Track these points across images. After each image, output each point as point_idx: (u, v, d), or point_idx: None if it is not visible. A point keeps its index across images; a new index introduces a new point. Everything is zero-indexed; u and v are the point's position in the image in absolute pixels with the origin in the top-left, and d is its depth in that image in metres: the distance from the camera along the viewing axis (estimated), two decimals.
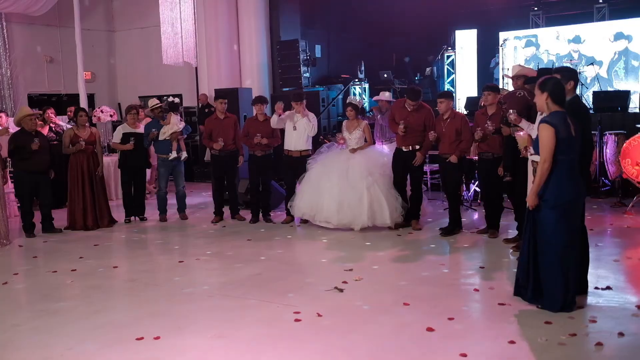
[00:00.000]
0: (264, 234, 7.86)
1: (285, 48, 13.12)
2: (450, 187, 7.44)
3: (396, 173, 7.72)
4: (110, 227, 8.51)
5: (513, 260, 6.10)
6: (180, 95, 14.84)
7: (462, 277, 5.69)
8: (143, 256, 6.96)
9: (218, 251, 7.01)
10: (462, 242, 7.05)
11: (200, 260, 6.58)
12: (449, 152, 7.27)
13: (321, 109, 12.46)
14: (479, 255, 6.54)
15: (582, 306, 4.70)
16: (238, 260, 6.54)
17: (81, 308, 5.13)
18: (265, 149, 8.36)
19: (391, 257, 6.50)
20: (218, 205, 8.77)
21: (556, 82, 4.50)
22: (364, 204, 7.52)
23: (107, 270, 6.28)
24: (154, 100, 8.95)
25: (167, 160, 8.71)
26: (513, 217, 6.94)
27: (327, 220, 7.73)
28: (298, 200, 8.01)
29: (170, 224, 8.75)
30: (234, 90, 11.46)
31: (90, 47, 15.03)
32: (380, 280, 5.63)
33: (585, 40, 12.84)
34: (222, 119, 8.63)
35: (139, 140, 8.60)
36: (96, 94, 15.52)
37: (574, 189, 4.51)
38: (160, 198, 8.91)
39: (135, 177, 8.81)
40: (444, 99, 7.35)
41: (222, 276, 6.01)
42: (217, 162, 8.73)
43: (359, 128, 7.96)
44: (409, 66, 15.69)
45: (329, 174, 7.81)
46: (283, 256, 6.73)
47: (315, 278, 5.78)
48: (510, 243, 6.76)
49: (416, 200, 7.77)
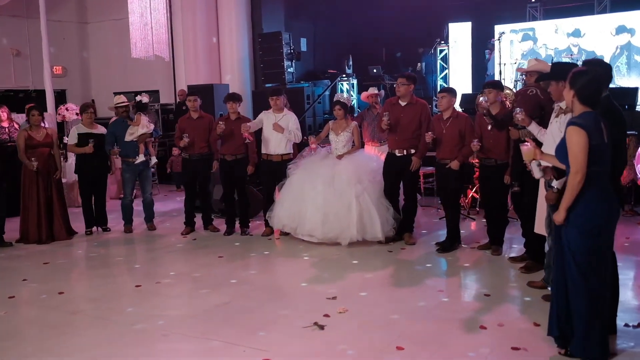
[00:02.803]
0: (239, 249, 6.98)
1: (268, 41, 12.24)
2: (450, 197, 6.56)
3: (388, 180, 6.85)
4: (69, 240, 7.61)
5: (522, 285, 5.26)
6: (157, 91, 14.09)
7: (465, 309, 4.82)
8: (97, 278, 6.05)
9: (184, 271, 6.12)
10: (461, 260, 6.20)
11: (161, 285, 5.68)
12: (449, 158, 6.40)
13: (306, 106, 11.67)
14: (481, 278, 5.68)
15: (615, 353, 3.86)
16: (205, 283, 5.66)
17: (8, 351, 4.24)
18: (236, 152, 7.48)
19: (382, 281, 5.63)
20: (189, 215, 7.88)
21: (590, 79, 3.65)
22: (352, 216, 6.66)
23: (51, 298, 5.38)
24: (120, 98, 8.04)
25: (133, 164, 7.82)
26: (516, 229, 6.11)
27: (311, 234, 6.87)
28: (278, 210, 7.13)
29: (135, 236, 7.85)
30: (209, 87, 10.55)
31: (61, 39, 14.31)
32: (368, 312, 4.76)
33: (585, 33, 12.24)
34: (195, 118, 7.71)
35: (99, 142, 7.69)
36: (68, 90, 14.69)
37: (608, 208, 3.67)
38: (125, 207, 8.00)
39: (96, 183, 7.90)
40: (446, 93, 6.46)
41: (183, 306, 5.12)
42: (187, 167, 7.83)
43: (347, 129, 7.09)
44: (400, 61, 14.90)
45: (312, 180, 6.93)
46: (257, 279, 5.85)
47: (292, 309, 4.90)
48: (517, 262, 5.92)
49: (410, 211, 6.90)
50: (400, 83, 6.70)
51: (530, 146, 4.14)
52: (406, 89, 6.69)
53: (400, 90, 6.70)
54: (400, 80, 6.71)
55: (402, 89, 6.69)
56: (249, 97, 12.27)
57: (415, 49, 14.59)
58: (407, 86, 6.68)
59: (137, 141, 7.83)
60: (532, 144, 4.15)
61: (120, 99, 7.96)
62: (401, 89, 6.69)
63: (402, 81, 6.70)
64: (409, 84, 6.69)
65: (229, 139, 7.49)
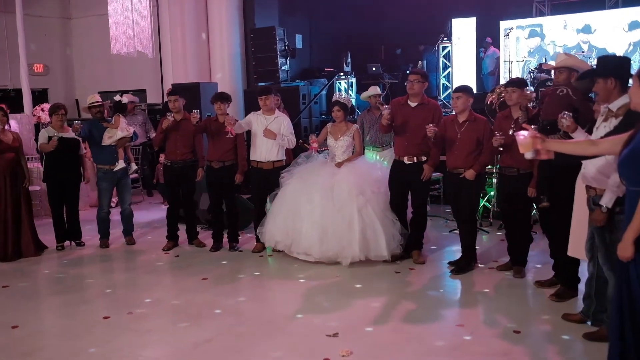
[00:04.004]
0: (226, 269, 6.18)
1: (261, 37, 11.42)
2: (466, 211, 5.74)
3: (394, 191, 6.07)
4: (38, 257, 6.80)
5: (556, 319, 4.47)
6: (144, 90, 13.35)
7: (493, 351, 4.00)
8: (60, 306, 5.23)
9: (161, 298, 5.31)
10: (480, 284, 5.42)
11: (133, 316, 4.87)
12: (463, 167, 5.62)
13: (302, 106, 10.90)
14: (506, 307, 4.87)
15: None
16: (185, 314, 4.86)
17: None
18: (223, 158, 6.70)
19: (390, 311, 4.83)
20: (171, 229, 7.07)
21: None
22: (354, 232, 5.87)
23: (1, 332, 4.56)
24: (94, 97, 7.22)
25: (111, 172, 7.03)
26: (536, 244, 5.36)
27: (307, 252, 6.08)
28: (270, 225, 6.34)
29: (112, 252, 7.05)
30: (195, 86, 9.72)
31: (42, 35, 13.57)
32: (377, 356, 3.98)
33: (596, 29, 11.80)
34: (179, 120, 6.91)
35: (70, 146, 6.88)
36: (50, 89, 13.93)
37: None
38: (101, 219, 7.19)
39: (67, 192, 7.09)
40: (462, 93, 5.63)
41: (155, 346, 4.29)
42: (169, 174, 7.04)
43: (347, 134, 6.31)
44: (400, 59, 14.31)
45: (309, 191, 6.15)
46: (246, 308, 5.04)
47: (286, 350, 4.11)
48: (546, 287, 5.15)
49: (419, 226, 6.12)
50: (414, 80, 5.89)
51: (527, 136, 3.30)
52: (421, 86, 5.90)
53: (414, 88, 5.89)
54: (414, 77, 5.91)
55: (416, 87, 5.89)
56: (240, 97, 11.53)
57: (416, 46, 14.11)
58: (422, 84, 5.90)
59: (116, 146, 7.06)
60: (529, 134, 3.31)
61: (93, 98, 7.15)
62: (415, 86, 5.89)
63: (416, 78, 5.90)
64: (424, 81, 5.91)
65: (216, 144, 6.72)
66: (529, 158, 3.31)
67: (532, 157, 3.27)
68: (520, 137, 3.28)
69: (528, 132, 3.23)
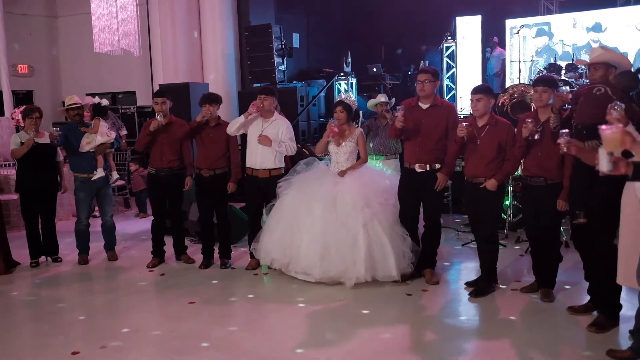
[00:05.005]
0: (216, 290, 5.53)
1: (256, 35, 10.86)
2: (486, 226, 5.10)
3: (405, 203, 5.43)
4: (9, 275, 6.16)
5: (599, 355, 3.84)
6: (134, 92, 12.78)
7: None
8: (24, 337, 4.57)
9: (141, 327, 4.65)
10: (504, 309, 4.77)
11: (107, 350, 4.21)
12: (483, 176, 4.99)
13: (299, 109, 10.32)
14: (538, 339, 4.21)
15: None
16: (166, 348, 4.21)
17: None
18: (214, 166, 6.06)
19: (403, 344, 4.19)
20: (156, 244, 6.42)
21: None
22: (359, 249, 5.23)
23: None
24: (72, 98, 6.60)
25: (90, 180, 6.39)
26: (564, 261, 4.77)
27: (307, 272, 5.43)
28: (266, 241, 5.69)
29: (91, 269, 6.40)
30: (184, 86, 9.08)
31: (26, 35, 13.01)
32: None
33: (607, 28, 11.47)
34: (166, 124, 6.25)
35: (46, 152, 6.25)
36: (35, 91, 13.33)
37: None
38: (79, 233, 6.55)
39: (41, 203, 6.44)
40: (482, 94, 4.99)
41: None
42: (154, 184, 6.39)
43: (351, 138, 5.67)
44: (401, 59, 13.95)
45: (309, 203, 5.51)
46: (237, 340, 4.37)
47: None
48: (581, 314, 4.52)
49: (432, 242, 5.48)
50: (424, 80, 5.24)
51: (617, 130, 2.65)
52: (432, 86, 5.26)
53: (425, 89, 5.25)
54: (424, 77, 5.26)
55: (427, 87, 5.25)
56: (234, 99, 10.97)
57: (417, 46, 13.65)
58: (433, 83, 5.26)
59: (95, 152, 6.43)
60: (619, 128, 2.66)
61: (72, 99, 6.53)
62: (426, 87, 5.24)
63: (426, 77, 5.25)
64: (435, 80, 5.27)
65: (206, 150, 6.09)
66: (606, 170, 2.65)
67: (610, 170, 2.60)
68: (607, 131, 2.60)
69: (618, 125, 2.56)
